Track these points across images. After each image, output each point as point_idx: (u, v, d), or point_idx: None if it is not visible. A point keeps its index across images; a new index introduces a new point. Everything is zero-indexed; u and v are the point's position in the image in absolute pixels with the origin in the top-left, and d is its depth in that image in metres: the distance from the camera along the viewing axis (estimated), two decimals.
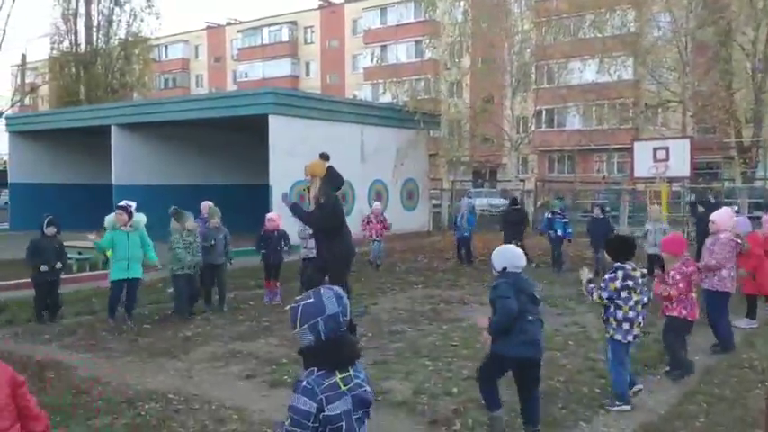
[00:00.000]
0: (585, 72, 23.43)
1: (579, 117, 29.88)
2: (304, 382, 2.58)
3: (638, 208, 22.30)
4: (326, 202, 8.17)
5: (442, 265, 15.06)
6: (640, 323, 5.58)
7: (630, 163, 18.25)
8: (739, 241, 7.81)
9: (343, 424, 2.56)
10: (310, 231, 11.58)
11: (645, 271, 5.77)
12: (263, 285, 10.89)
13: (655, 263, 10.60)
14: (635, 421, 5.34)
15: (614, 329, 5.53)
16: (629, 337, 5.53)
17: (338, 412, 2.55)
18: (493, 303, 4.90)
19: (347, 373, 2.64)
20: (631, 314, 5.47)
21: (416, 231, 21.61)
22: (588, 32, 22.50)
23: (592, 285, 5.62)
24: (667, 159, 16.65)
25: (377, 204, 15.88)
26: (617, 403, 5.57)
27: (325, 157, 8.50)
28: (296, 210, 8.48)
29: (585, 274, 5.76)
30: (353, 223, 16.63)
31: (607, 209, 15.31)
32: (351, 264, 8.73)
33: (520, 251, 5.05)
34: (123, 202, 9.21)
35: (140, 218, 9.24)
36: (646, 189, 20.50)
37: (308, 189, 8.47)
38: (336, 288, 2.76)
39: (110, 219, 9.21)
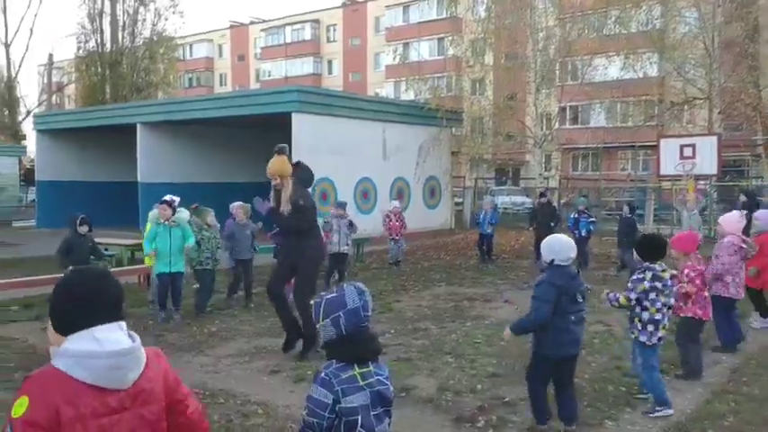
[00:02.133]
0: (610, 68, 23.17)
1: (604, 114, 29.62)
2: (322, 374, 2.65)
3: (663, 206, 22.07)
4: (307, 203, 7.23)
5: (464, 263, 15.02)
6: (665, 326, 5.46)
7: (656, 160, 18.07)
8: (744, 246, 7.42)
9: (359, 418, 2.60)
10: (333, 226, 11.69)
11: (674, 272, 5.68)
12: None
13: None
14: (662, 420, 5.28)
15: (639, 331, 5.40)
16: (654, 340, 5.39)
17: (355, 405, 2.59)
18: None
19: (367, 369, 2.68)
20: (658, 316, 5.34)
21: (438, 229, 21.58)
22: (613, 29, 22.26)
23: (612, 294, 5.49)
24: (694, 157, 16.48)
25: (396, 203, 15.76)
26: (657, 408, 5.38)
27: (282, 151, 7.21)
28: (276, 216, 7.33)
29: (604, 294, 5.64)
30: (375, 222, 16.73)
31: (635, 207, 15.17)
32: (320, 266, 7.96)
33: (570, 242, 4.87)
34: (168, 197, 9.32)
35: (183, 213, 9.38)
36: (672, 186, 20.30)
37: (275, 191, 7.27)
38: (358, 284, 2.82)
39: (153, 214, 9.33)
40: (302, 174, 7.36)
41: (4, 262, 14.99)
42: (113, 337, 1.99)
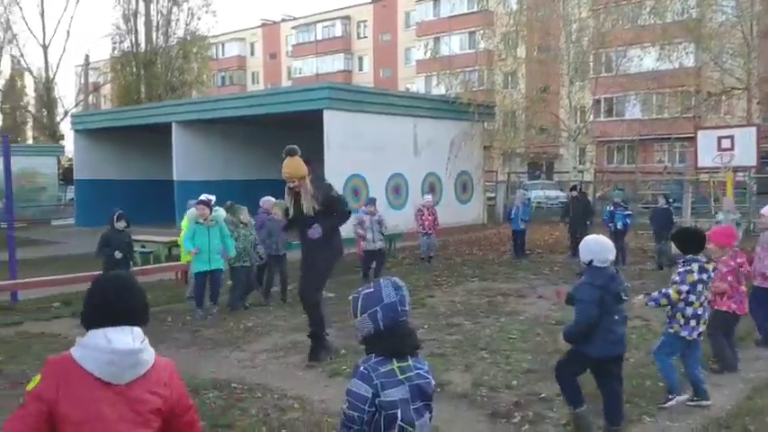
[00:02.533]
0: (645, 59, 22.75)
1: (639, 106, 29.11)
2: (361, 368, 2.67)
3: (701, 199, 21.66)
4: (337, 193, 7.15)
5: (497, 258, 14.94)
6: (706, 320, 5.36)
7: (693, 152, 17.73)
8: None
9: (399, 412, 2.61)
10: (366, 223, 11.72)
11: (717, 265, 5.57)
12: None
13: None
14: (702, 415, 5.20)
15: (681, 326, 5.26)
16: (695, 335, 5.29)
17: (394, 399, 2.61)
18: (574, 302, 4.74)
19: (406, 363, 2.70)
20: (700, 311, 5.23)
21: (471, 224, 21.50)
22: (648, 19, 21.87)
23: (655, 293, 5.34)
24: (732, 148, 16.13)
25: (428, 197, 15.58)
26: (669, 396, 5.30)
27: (294, 152, 6.85)
28: (326, 226, 6.89)
29: (639, 300, 5.53)
30: (407, 218, 16.72)
31: (671, 200, 14.89)
32: (336, 264, 7.55)
33: (609, 243, 4.77)
34: (204, 196, 9.46)
35: (220, 212, 9.52)
36: (710, 179, 19.90)
37: (293, 194, 6.94)
38: (395, 278, 2.83)
39: (191, 213, 9.46)
40: (316, 173, 7.16)
41: (45, 260, 15.36)
42: (122, 338, 2.29)
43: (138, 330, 2.36)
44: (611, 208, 14.06)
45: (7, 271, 10.68)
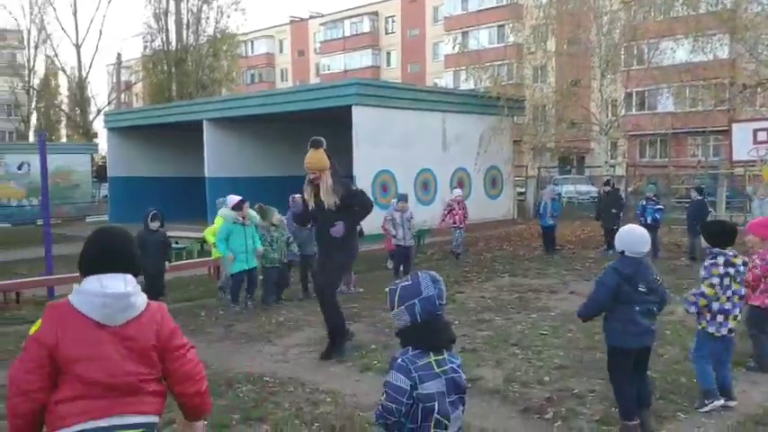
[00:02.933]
0: (678, 51, 22.40)
1: (672, 99, 28.65)
2: (399, 360, 2.71)
3: (736, 193, 21.28)
4: (358, 189, 7.01)
5: (528, 254, 14.83)
6: (737, 316, 5.21)
7: (728, 146, 17.44)
8: None
9: (436, 404, 2.66)
10: (396, 220, 11.71)
11: (746, 259, 5.45)
12: None
13: None
14: (738, 412, 5.12)
15: (707, 321, 5.16)
16: (723, 331, 5.15)
17: (431, 392, 2.66)
18: None
19: (442, 356, 2.75)
20: (728, 305, 5.12)
21: (500, 219, 21.38)
22: (681, 10, 21.51)
23: (688, 299, 5.23)
24: None
25: (458, 191, 15.50)
26: (705, 402, 5.15)
27: (319, 144, 6.79)
28: (349, 221, 6.86)
29: (684, 308, 5.43)
30: (435, 213, 16.66)
31: (703, 187, 14.64)
32: (352, 263, 7.43)
33: (644, 235, 4.67)
34: (233, 197, 9.57)
35: (252, 211, 9.64)
36: (745, 173, 19.53)
37: (312, 187, 6.89)
38: (432, 272, 2.86)
39: (226, 213, 9.55)
40: (336, 167, 6.92)
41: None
42: (114, 284, 2.50)
43: (130, 277, 2.56)
44: (644, 202, 13.91)
45: (44, 267, 10.92)
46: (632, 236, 4.65)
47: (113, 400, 2.45)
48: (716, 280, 5.09)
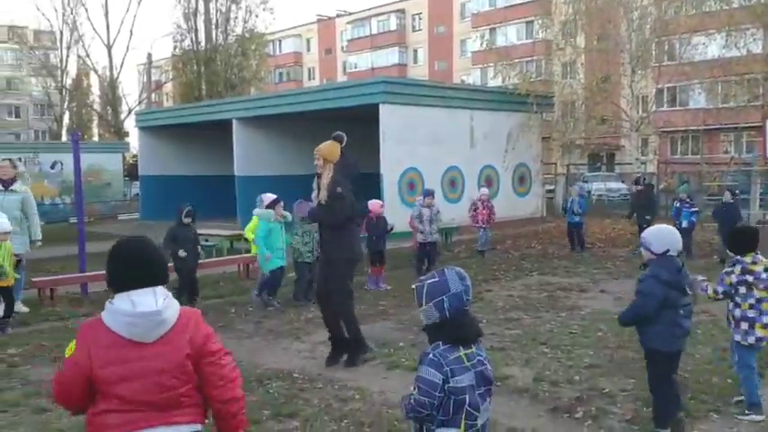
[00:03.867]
0: (710, 47, 22.01)
1: (704, 95, 28.16)
2: (430, 355, 2.77)
3: None
4: (345, 192, 6.58)
5: (557, 252, 14.71)
6: (766, 324, 5.03)
7: (762, 142, 17.12)
8: None
9: (467, 397, 2.74)
10: (424, 216, 11.68)
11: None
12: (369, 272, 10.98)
13: None
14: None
15: (733, 329, 5.09)
16: (750, 339, 5.01)
17: (463, 385, 2.73)
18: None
19: (470, 350, 2.83)
20: (751, 313, 4.98)
21: (529, 218, 21.24)
22: (713, 5, 21.13)
23: (705, 283, 5.11)
24: None
25: (484, 190, 15.48)
26: (747, 412, 5.02)
27: (339, 138, 6.69)
28: (313, 212, 6.81)
29: (698, 280, 5.13)
30: (463, 211, 16.62)
31: (737, 192, 14.36)
32: (355, 267, 7.10)
33: (671, 233, 4.61)
34: (269, 194, 9.73)
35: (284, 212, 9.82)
36: None
37: (318, 176, 6.70)
38: (458, 268, 2.90)
39: (264, 212, 9.66)
40: (344, 164, 6.66)
41: None
42: (145, 300, 2.43)
43: (160, 289, 2.49)
44: (678, 204, 13.68)
45: (77, 264, 11.12)
46: (673, 235, 4.60)
47: (154, 413, 2.44)
48: (720, 288, 5.04)
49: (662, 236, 4.59)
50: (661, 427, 4.64)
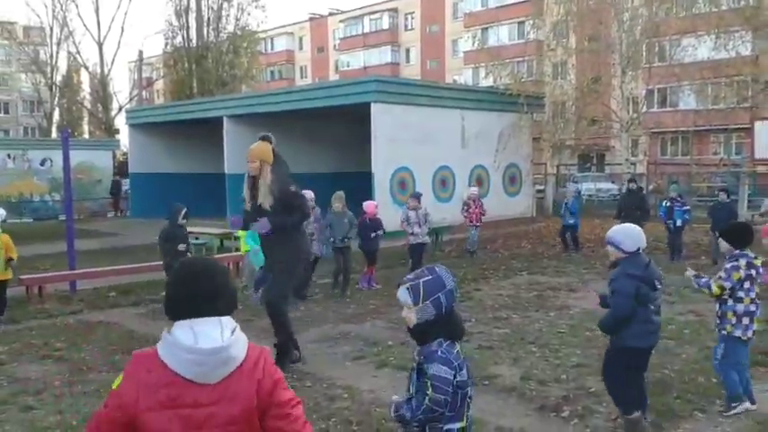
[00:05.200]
0: (700, 48, 22.12)
1: (694, 96, 28.33)
2: (438, 352, 2.79)
3: (758, 192, 21.03)
4: (299, 189, 6.44)
5: (547, 252, 14.78)
6: (758, 317, 5.15)
7: (750, 144, 17.23)
8: None
9: (469, 389, 2.85)
10: (411, 219, 11.68)
11: (764, 260, 5.37)
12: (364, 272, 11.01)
13: None
14: (756, 413, 5.08)
15: (733, 326, 5.06)
16: (749, 334, 5.08)
17: (465, 378, 2.82)
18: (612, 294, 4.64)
19: (460, 344, 2.92)
20: (752, 307, 5.04)
21: (519, 217, 21.30)
22: (703, 7, 21.26)
23: (704, 279, 5.15)
24: None
25: (474, 189, 15.59)
26: (732, 405, 5.09)
27: (269, 139, 6.44)
28: (275, 223, 6.23)
29: (691, 272, 5.30)
30: (454, 210, 16.63)
31: (729, 189, 14.45)
32: (300, 269, 6.91)
33: (635, 230, 4.67)
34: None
35: None
36: None
37: (253, 180, 6.38)
38: (444, 266, 2.96)
39: None
40: (282, 163, 6.43)
41: (102, 251, 15.84)
42: (209, 332, 2.03)
43: (226, 320, 2.11)
44: (668, 203, 13.72)
45: (66, 261, 11.08)
46: (641, 233, 4.66)
47: None
48: (728, 284, 5.00)
49: (633, 234, 4.62)
50: (629, 413, 4.66)
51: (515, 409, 5.31)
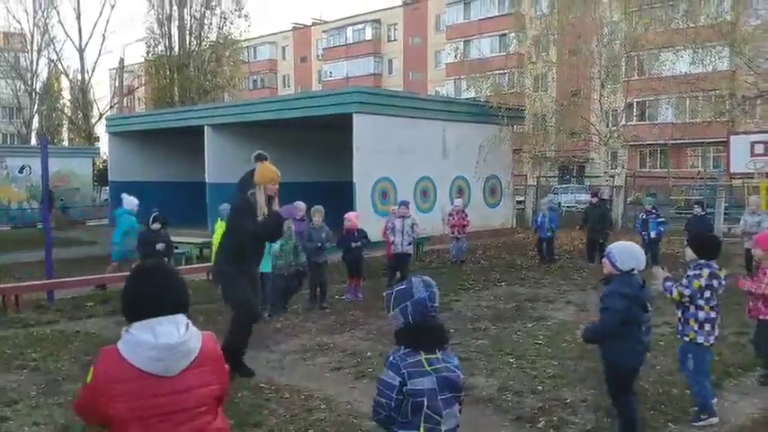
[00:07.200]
0: (678, 63, 22.52)
1: (672, 110, 28.79)
2: (390, 358, 2.90)
3: (734, 204, 21.34)
4: (244, 206, 7.11)
5: (526, 263, 14.86)
6: (720, 324, 5.28)
7: (726, 157, 17.52)
8: None
9: (425, 400, 2.82)
10: (396, 226, 11.67)
11: (729, 272, 5.51)
12: (348, 283, 11.03)
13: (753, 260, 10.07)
14: (728, 423, 5.17)
15: (695, 332, 5.18)
16: (711, 340, 5.20)
17: (421, 388, 2.81)
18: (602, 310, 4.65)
19: (434, 355, 2.90)
20: (713, 314, 5.18)
21: (499, 228, 21.42)
22: (681, 22, 21.64)
23: (670, 283, 5.25)
24: (766, 154, 15.91)
25: (458, 201, 15.78)
26: (702, 416, 5.18)
27: (265, 157, 7.18)
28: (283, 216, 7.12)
29: (661, 273, 5.38)
30: (435, 221, 16.70)
31: (706, 207, 14.65)
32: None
33: (637, 250, 4.65)
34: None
35: None
36: (743, 184, 19.60)
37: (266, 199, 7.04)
38: (426, 277, 3.04)
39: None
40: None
41: (80, 260, 15.70)
42: (167, 331, 2.22)
43: (181, 317, 2.29)
44: (644, 216, 13.88)
45: (44, 270, 10.97)
46: (641, 255, 4.63)
47: None
48: (687, 291, 5.13)
49: (630, 254, 4.59)
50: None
51: (491, 420, 5.36)
